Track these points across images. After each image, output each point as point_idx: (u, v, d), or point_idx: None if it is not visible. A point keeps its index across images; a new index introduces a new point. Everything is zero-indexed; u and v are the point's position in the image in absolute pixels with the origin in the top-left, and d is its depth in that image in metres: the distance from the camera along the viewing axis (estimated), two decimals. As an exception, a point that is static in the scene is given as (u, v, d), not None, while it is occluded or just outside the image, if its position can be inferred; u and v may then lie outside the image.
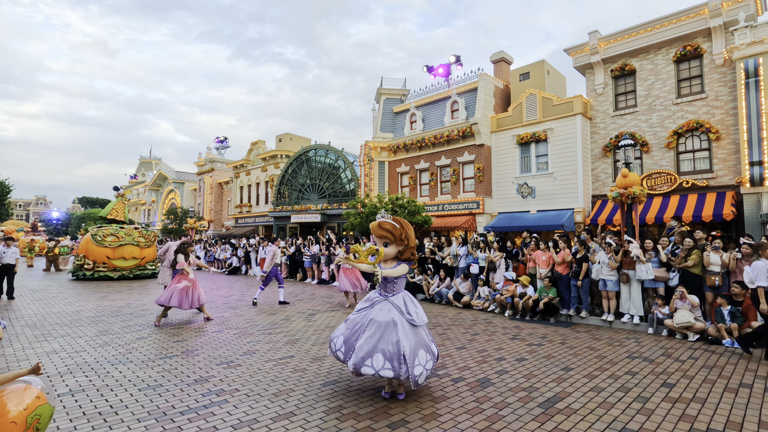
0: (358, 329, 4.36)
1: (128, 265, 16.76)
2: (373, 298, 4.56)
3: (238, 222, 33.23)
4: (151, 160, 57.38)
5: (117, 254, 16.59)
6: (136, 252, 17.05)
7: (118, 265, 16.56)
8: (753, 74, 12.03)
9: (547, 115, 16.49)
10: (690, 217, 12.54)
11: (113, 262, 16.46)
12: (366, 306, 4.53)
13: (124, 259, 16.70)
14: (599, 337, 7.34)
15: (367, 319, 4.37)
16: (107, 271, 16.28)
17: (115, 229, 17.12)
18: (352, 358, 4.20)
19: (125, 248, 16.77)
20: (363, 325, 4.35)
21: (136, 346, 6.38)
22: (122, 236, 16.88)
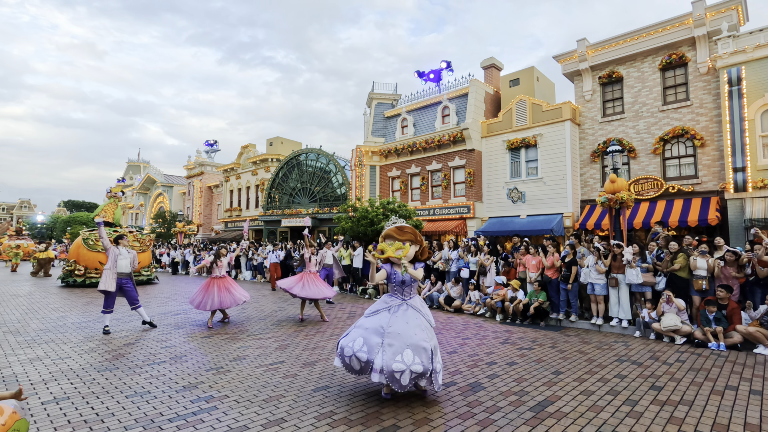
0: (381, 330, 4.31)
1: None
2: (389, 302, 4.54)
3: (228, 226, 32.95)
4: (140, 163, 56.66)
5: None
6: None
7: None
8: (736, 83, 12.33)
9: (536, 120, 16.69)
10: (676, 222, 12.76)
11: None
12: (382, 308, 4.52)
13: None
14: (588, 341, 7.40)
15: (389, 319, 4.37)
16: (99, 277, 15.48)
17: (108, 232, 16.39)
18: (378, 357, 4.15)
19: None
20: (385, 325, 4.33)
21: (123, 352, 6.27)
22: None
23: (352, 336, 4.44)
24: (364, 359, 4.22)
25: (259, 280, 18.45)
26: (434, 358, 4.28)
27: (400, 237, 4.63)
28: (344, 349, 4.37)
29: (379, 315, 4.48)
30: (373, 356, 4.20)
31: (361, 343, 4.29)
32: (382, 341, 4.24)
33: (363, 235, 16.12)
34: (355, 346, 4.30)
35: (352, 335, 4.45)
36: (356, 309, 10.77)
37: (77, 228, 52.15)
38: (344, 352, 4.36)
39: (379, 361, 4.14)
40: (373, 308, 4.60)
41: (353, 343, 4.35)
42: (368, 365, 4.21)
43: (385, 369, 4.09)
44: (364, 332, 4.38)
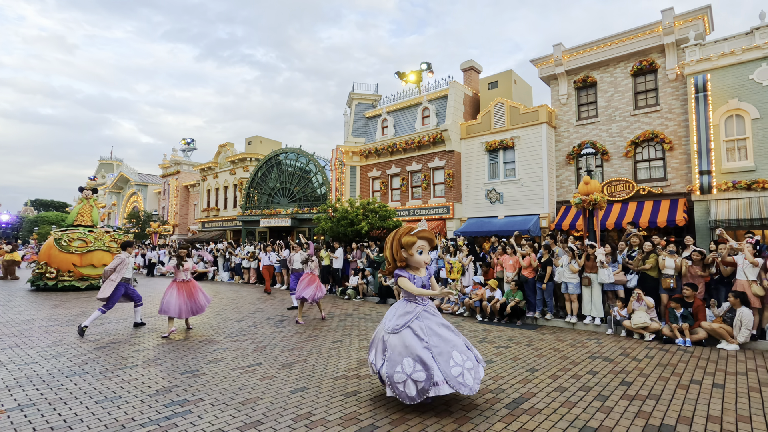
0: (429, 340, 4.14)
1: (98, 274, 15.04)
2: (414, 309, 4.32)
3: (205, 226, 32.32)
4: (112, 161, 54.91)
5: (85, 261, 14.90)
6: (107, 259, 15.26)
7: (87, 274, 14.85)
8: (702, 89, 12.85)
9: (514, 123, 16.99)
10: (646, 223, 13.20)
11: (80, 270, 14.75)
12: (411, 316, 4.26)
13: (93, 266, 15.00)
14: (563, 339, 7.59)
15: (430, 325, 4.24)
16: (73, 280, 14.58)
17: (82, 233, 15.43)
18: (440, 364, 4.01)
19: (94, 254, 15.12)
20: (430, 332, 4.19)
21: (93, 356, 6.07)
22: (91, 241, 15.22)
23: (395, 360, 4.07)
24: (423, 377, 3.94)
25: (237, 281, 18.16)
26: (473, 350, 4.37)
27: (435, 242, 4.52)
28: (399, 366, 4.02)
29: (413, 324, 4.22)
30: (437, 364, 4.01)
31: (428, 356, 4.00)
32: (437, 347, 4.09)
33: (343, 235, 16.08)
34: (407, 368, 3.99)
35: (394, 359, 4.08)
36: (335, 310, 10.73)
37: (45, 228, 50.13)
38: (399, 369, 4.01)
39: (440, 370, 3.97)
40: (400, 319, 4.28)
41: (410, 360, 4.02)
42: (429, 381, 3.93)
43: (447, 376, 3.96)
44: (405, 350, 4.07)
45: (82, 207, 16.75)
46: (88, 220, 16.69)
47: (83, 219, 16.55)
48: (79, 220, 16.40)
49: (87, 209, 16.90)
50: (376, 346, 4.40)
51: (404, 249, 4.38)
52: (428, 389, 3.92)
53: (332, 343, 7.10)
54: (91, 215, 16.81)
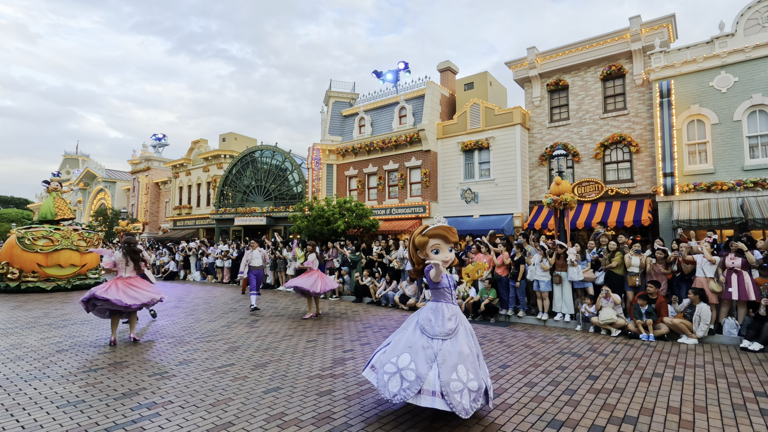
0: (476, 345, 4.01)
1: (65, 274, 14.23)
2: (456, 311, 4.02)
3: (177, 224, 31.45)
4: (78, 156, 52.68)
5: (51, 261, 13.97)
6: (75, 258, 14.47)
7: (53, 274, 14.01)
8: (666, 94, 13.41)
9: (489, 124, 17.27)
10: (614, 223, 13.68)
11: (46, 271, 13.88)
12: (457, 319, 3.97)
13: (60, 266, 14.15)
14: (534, 335, 7.78)
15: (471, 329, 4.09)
16: (38, 281, 13.73)
17: (48, 230, 14.39)
18: (486, 377, 3.88)
19: (61, 254, 14.18)
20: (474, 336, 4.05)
21: (56, 359, 5.83)
22: (58, 239, 14.26)
23: (450, 368, 3.65)
24: (476, 387, 3.67)
25: (210, 281, 17.77)
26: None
27: (453, 239, 4.11)
28: (450, 385, 3.57)
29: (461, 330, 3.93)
30: (486, 379, 3.86)
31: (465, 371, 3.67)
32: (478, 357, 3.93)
33: (319, 234, 15.97)
34: (462, 376, 3.64)
35: (448, 367, 3.65)
36: (311, 309, 10.65)
37: (5, 226, 47.63)
38: (452, 388, 3.56)
39: (488, 380, 3.86)
40: (447, 325, 3.88)
41: (458, 374, 3.64)
42: (480, 390, 3.70)
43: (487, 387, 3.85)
44: (459, 357, 3.73)
45: (55, 200, 15.73)
46: (68, 212, 15.73)
47: (62, 212, 15.60)
48: (59, 214, 15.46)
49: (62, 202, 15.89)
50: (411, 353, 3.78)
51: (419, 251, 4.15)
52: (479, 399, 3.70)
53: (307, 342, 7.05)
54: (69, 208, 15.88)
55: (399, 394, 3.61)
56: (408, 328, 4.08)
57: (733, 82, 12.77)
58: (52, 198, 15.73)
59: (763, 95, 12.31)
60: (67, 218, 15.58)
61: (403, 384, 3.63)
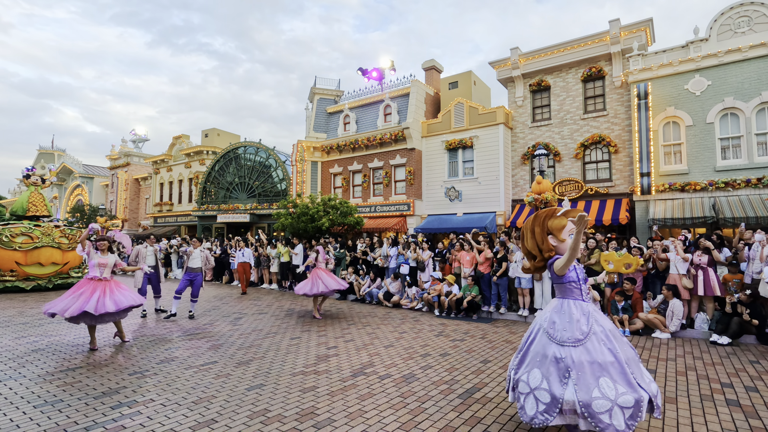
0: (620, 348, 3.25)
1: (46, 273, 13.56)
2: (587, 309, 3.39)
3: (158, 221, 30.87)
4: (53, 150, 51.07)
5: (30, 259, 13.25)
6: (56, 256, 13.76)
7: (33, 273, 13.32)
8: (643, 96, 13.78)
9: (473, 123, 17.46)
10: (593, 221, 14.02)
11: (25, 269, 13.17)
12: (590, 319, 3.32)
13: (41, 265, 13.45)
14: (515, 331, 7.94)
15: (610, 327, 3.37)
16: (16, 280, 12.99)
17: (27, 227, 13.66)
18: (644, 374, 3.28)
19: (42, 251, 13.44)
20: (614, 336, 3.31)
21: (31, 359, 5.70)
22: (38, 236, 13.51)
23: (589, 382, 3.03)
24: (632, 401, 2.99)
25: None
26: None
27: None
28: (593, 404, 2.93)
29: (597, 332, 3.25)
30: (650, 386, 3.17)
31: (611, 384, 3.03)
32: (629, 363, 3.21)
33: (303, 231, 15.92)
34: (608, 392, 3.00)
35: (587, 381, 3.03)
36: (295, 306, 10.64)
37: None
38: (595, 408, 2.93)
39: (643, 392, 3.06)
40: (578, 329, 3.23)
41: (602, 389, 3.00)
42: (639, 405, 2.99)
43: (651, 395, 3.11)
44: (599, 367, 3.08)
45: (31, 195, 14.83)
46: (43, 209, 14.83)
47: (36, 209, 14.72)
48: (32, 210, 14.60)
49: (38, 198, 14.94)
50: (540, 368, 3.24)
51: (552, 235, 3.51)
52: (638, 415, 2.97)
53: (291, 339, 7.05)
54: (45, 205, 14.95)
55: (537, 417, 3.12)
56: (533, 332, 3.50)
57: (706, 86, 13.21)
58: (28, 192, 14.93)
59: (735, 98, 12.77)
60: (41, 215, 14.76)
61: (539, 407, 3.11)
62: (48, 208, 15.05)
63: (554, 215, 3.54)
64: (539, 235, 3.56)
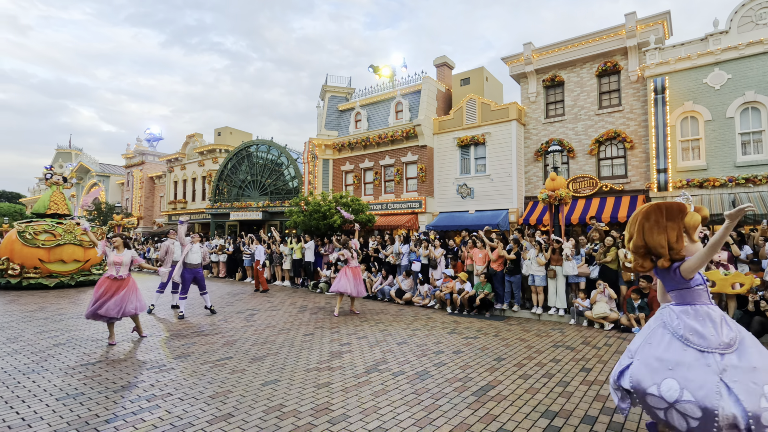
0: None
1: (68, 270, 13.71)
2: (721, 314, 2.98)
3: (172, 219, 31.31)
4: (71, 150, 52.16)
5: (53, 256, 13.45)
6: (78, 253, 13.95)
7: (55, 270, 13.46)
8: (660, 91, 13.50)
9: (485, 119, 17.31)
10: (608, 218, 13.80)
11: (48, 266, 13.36)
12: (732, 326, 2.91)
13: (63, 262, 13.64)
14: (529, 329, 7.88)
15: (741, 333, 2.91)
16: (40, 277, 13.18)
17: (50, 224, 13.93)
18: None
19: (64, 249, 13.66)
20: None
21: (53, 353, 5.84)
22: (60, 234, 13.76)
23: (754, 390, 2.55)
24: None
25: (205, 275, 17.74)
26: None
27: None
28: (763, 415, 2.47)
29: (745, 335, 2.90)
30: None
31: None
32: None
33: (315, 228, 15.99)
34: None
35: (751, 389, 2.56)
36: (307, 303, 10.71)
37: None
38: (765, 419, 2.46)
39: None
40: (727, 334, 2.83)
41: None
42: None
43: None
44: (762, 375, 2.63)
45: (53, 194, 15.13)
46: (63, 208, 15.16)
47: (57, 207, 14.99)
48: (53, 208, 14.86)
49: (59, 197, 15.24)
50: (677, 377, 2.77)
51: (687, 234, 3.11)
52: None
53: (304, 336, 7.10)
54: (66, 203, 15.28)
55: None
56: (655, 340, 3.03)
57: (726, 79, 12.88)
58: (50, 192, 15.24)
59: (756, 92, 12.43)
60: (61, 213, 15.06)
61: (689, 423, 2.65)
62: (68, 206, 15.34)
63: (686, 210, 3.12)
64: (674, 231, 3.06)
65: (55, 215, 14.92)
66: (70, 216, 15.32)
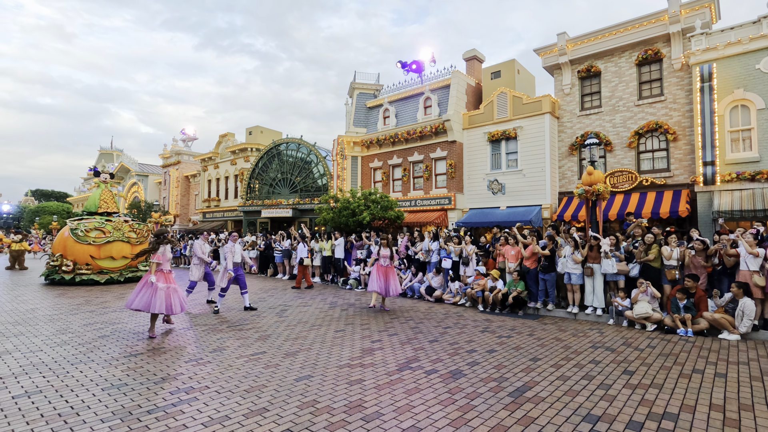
0: None
1: (117, 266, 13.98)
2: None
3: (206, 216, 32.32)
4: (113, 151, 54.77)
5: (103, 253, 13.76)
6: (126, 250, 14.23)
7: (105, 266, 13.76)
8: (707, 79, 12.72)
9: (517, 113, 16.86)
10: (649, 214, 13.17)
11: (98, 263, 13.66)
12: None
13: (112, 258, 13.91)
14: (565, 329, 7.61)
15: None
16: (92, 273, 13.46)
17: (100, 222, 14.22)
18: None
19: (113, 245, 14.00)
20: None
21: (98, 344, 6.11)
22: (109, 231, 14.08)
23: None
24: None
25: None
26: None
27: None
28: None
29: None
30: None
31: None
32: None
33: (344, 225, 16.08)
34: None
35: None
36: (337, 300, 10.77)
37: (46, 218, 50.15)
38: None
39: None
40: None
41: None
42: None
43: None
44: None
45: (102, 192, 15.49)
46: (113, 206, 15.51)
47: (107, 206, 15.38)
48: (102, 206, 15.23)
49: (108, 194, 15.59)
50: None
51: None
52: None
53: (335, 332, 7.13)
54: (115, 201, 15.69)
55: None
56: None
57: (781, 64, 11.98)
58: (99, 190, 15.64)
59: (816, 77, 11.50)
60: (110, 211, 15.49)
61: None
62: (117, 204, 15.76)
63: None
64: None
65: (105, 213, 15.29)
66: (118, 213, 15.70)
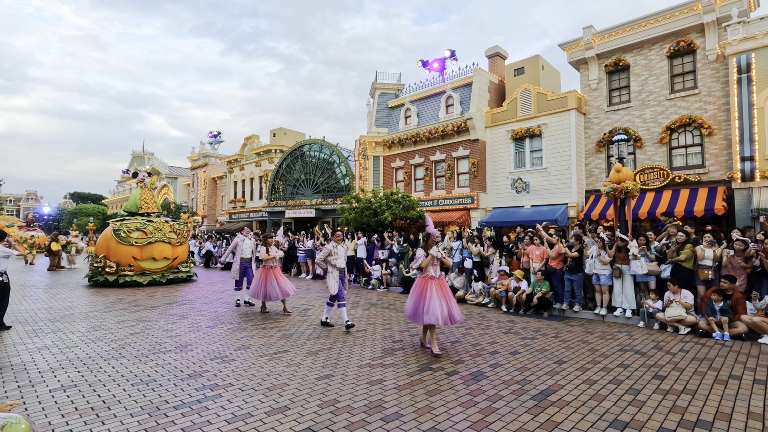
0: None
1: (159, 267, 13.77)
2: None
3: (232, 217, 33.06)
4: (144, 154, 56.83)
5: (145, 254, 13.51)
6: (167, 251, 13.98)
7: (147, 267, 13.53)
8: (745, 70, 12.10)
9: (541, 110, 16.51)
10: (682, 212, 12.64)
11: (140, 264, 13.43)
12: None
13: (154, 259, 13.68)
14: (592, 331, 7.39)
15: None
16: (134, 275, 13.26)
17: (142, 222, 13.99)
18: None
19: (155, 246, 13.68)
20: None
21: (129, 341, 6.34)
22: (151, 232, 13.76)
23: None
24: None
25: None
26: None
27: None
28: None
29: None
30: None
31: None
32: None
33: (366, 225, 16.13)
34: None
35: None
36: (360, 299, 10.82)
37: (83, 219, 52.50)
38: None
39: None
40: None
41: None
42: None
43: None
44: None
45: (142, 193, 15.35)
46: (153, 206, 15.29)
47: (147, 206, 15.16)
48: (143, 207, 15.04)
49: (149, 195, 15.40)
50: None
51: None
52: None
53: (357, 331, 7.16)
54: (155, 202, 15.49)
55: None
56: None
57: (828, 52, 11.27)
58: (140, 191, 15.53)
59: None
60: (151, 212, 15.30)
61: None
62: (157, 204, 15.56)
63: None
64: None
65: (145, 214, 15.16)
66: (158, 214, 15.58)
